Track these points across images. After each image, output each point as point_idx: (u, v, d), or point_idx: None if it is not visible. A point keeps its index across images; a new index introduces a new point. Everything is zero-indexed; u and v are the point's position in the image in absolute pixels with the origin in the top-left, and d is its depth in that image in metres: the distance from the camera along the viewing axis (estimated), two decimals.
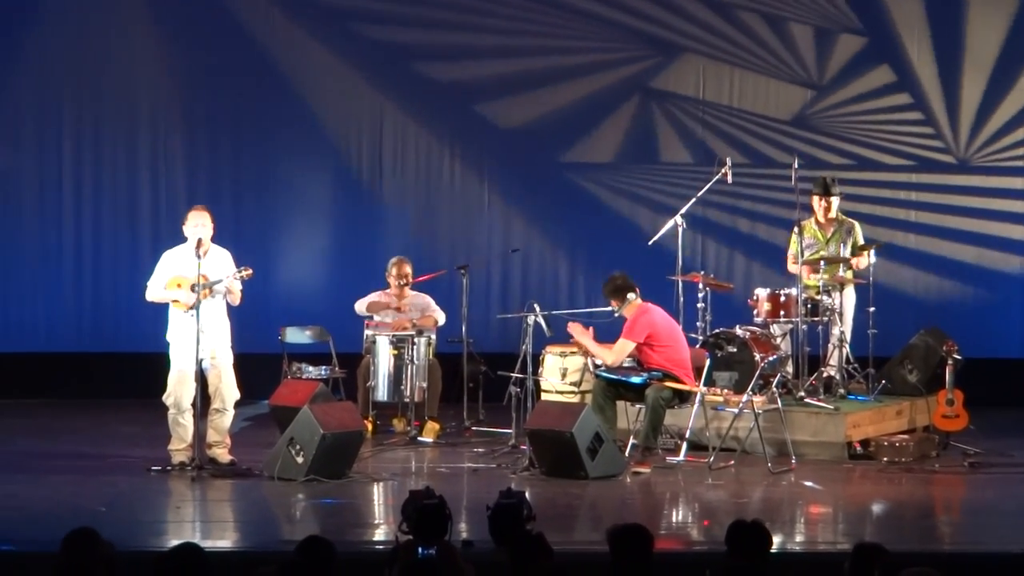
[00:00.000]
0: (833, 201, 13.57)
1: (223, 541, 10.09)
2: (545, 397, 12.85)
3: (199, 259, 11.63)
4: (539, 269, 15.53)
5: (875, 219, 15.06)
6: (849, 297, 13.55)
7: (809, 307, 13.10)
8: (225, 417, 11.88)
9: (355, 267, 15.37)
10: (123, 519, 10.14)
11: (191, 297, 11.64)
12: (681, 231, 13.44)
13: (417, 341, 13.29)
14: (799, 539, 10.38)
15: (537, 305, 12.68)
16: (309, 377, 13.49)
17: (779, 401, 12.31)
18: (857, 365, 13.43)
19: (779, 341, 13.22)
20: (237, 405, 12.02)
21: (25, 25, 15.38)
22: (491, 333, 14.64)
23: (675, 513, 11.31)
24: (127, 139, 15.53)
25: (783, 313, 13.12)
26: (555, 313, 12.91)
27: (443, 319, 13.89)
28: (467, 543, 9.01)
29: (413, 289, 14.02)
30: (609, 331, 12.50)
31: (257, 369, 13.40)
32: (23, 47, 15.38)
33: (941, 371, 12.86)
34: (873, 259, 13.41)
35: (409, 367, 13.23)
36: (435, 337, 13.66)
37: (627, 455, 12.12)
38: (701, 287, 13.40)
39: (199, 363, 11.69)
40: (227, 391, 11.86)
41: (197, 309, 11.57)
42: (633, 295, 12.27)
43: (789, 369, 13.18)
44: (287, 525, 10.63)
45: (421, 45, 15.63)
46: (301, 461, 11.33)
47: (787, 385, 12.92)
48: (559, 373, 13.01)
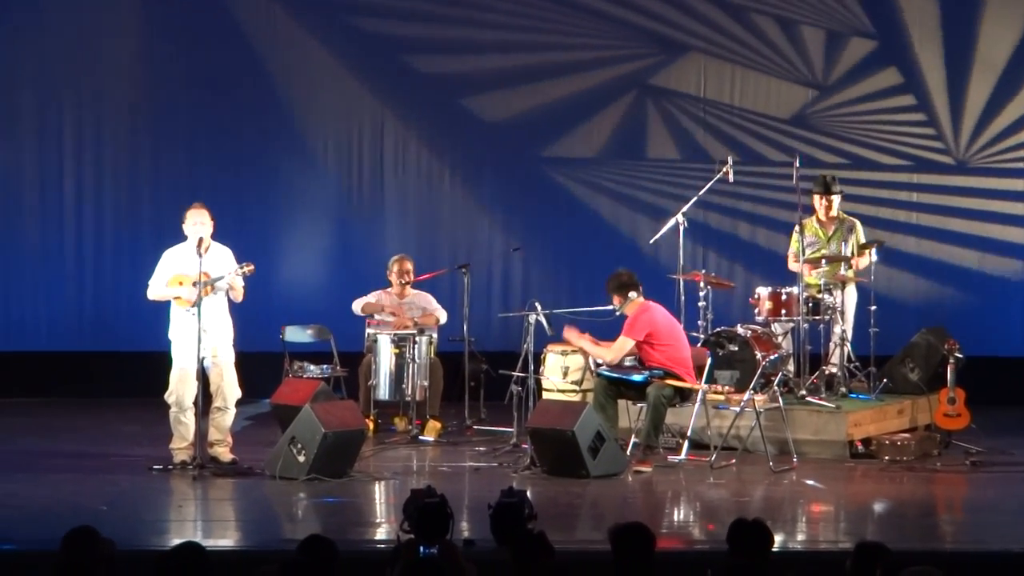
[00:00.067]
0: (834, 199, 13.56)
1: (225, 540, 10.07)
2: (546, 396, 12.83)
3: (200, 257, 11.62)
4: (540, 267, 15.51)
5: (876, 218, 15.04)
6: (850, 296, 13.54)
7: (810, 306, 13.09)
8: (227, 416, 11.87)
9: (356, 266, 15.37)
10: (125, 518, 10.12)
11: (193, 293, 11.63)
12: (683, 230, 13.44)
13: (418, 340, 13.29)
14: (801, 538, 10.38)
15: (538, 304, 12.68)
16: (310, 376, 13.48)
17: (780, 400, 12.31)
18: (858, 364, 13.43)
19: (780, 340, 13.22)
20: (238, 404, 12.01)
21: (25, 24, 15.37)
22: (492, 332, 14.62)
23: (676, 512, 11.30)
24: (128, 138, 15.52)
25: (784, 312, 13.12)
26: (556, 312, 12.90)
27: (444, 317, 13.88)
28: (469, 542, 9.00)
29: (414, 288, 14.01)
30: (610, 331, 12.48)
31: (258, 368, 13.39)
32: (23, 47, 15.37)
33: (943, 370, 12.84)
34: (874, 258, 13.41)
35: (410, 366, 13.22)
36: (436, 336, 13.65)
37: (628, 454, 12.12)
38: (702, 285, 13.40)
39: (201, 361, 11.69)
40: (229, 389, 11.85)
41: (199, 307, 11.56)
42: (635, 293, 12.26)
43: (790, 368, 13.18)
44: (288, 524, 10.62)
45: (422, 43, 15.61)
46: (303, 460, 11.32)
47: (788, 384, 12.91)
48: (560, 372, 13.00)
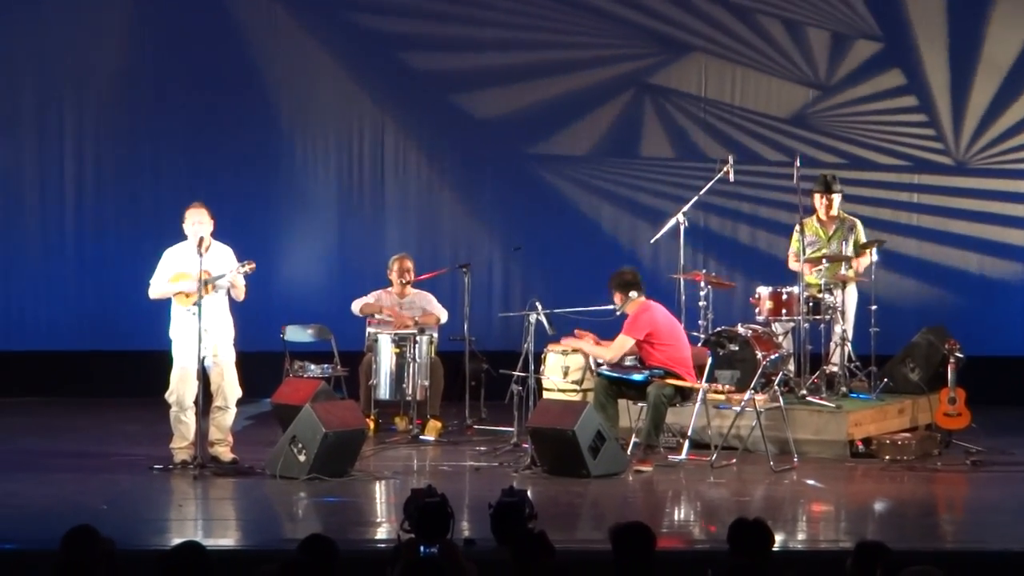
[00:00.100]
0: (834, 198, 13.56)
1: (225, 539, 10.07)
2: (547, 395, 12.82)
3: (200, 256, 11.62)
4: (541, 266, 15.50)
5: (876, 217, 15.02)
6: (851, 295, 13.54)
7: (811, 305, 13.09)
8: (227, 415, 11.88)
9: (356, 265, 15.37)
10: (125, 517, 10.12)
11: (195, 286, 11.61)
12: (683, 230, 13.44)
13: (419, 339, 13.28)
14: (801, 537, 10.38)
15: (539, 303, 12.68)
16: (311, 375, 13.48)
17: (781, 399, 12.31)
18: (859, 363, 13.44)
19: (781, 339, 13.22)
20: (239, 403, 12.02)
21: (26, 24, 15.37)
22: (493, 331, 14.61)
23: (677, 511, 11.30)
24: (129, 137, 15.52)
25: (785, 311, 13.12)
26: (557, 312, 12.90)
27: (445, 317, 13.88)
28: (469, 541, 9.01)
29: (415, 287, 14.01)
30: (611, 331, 12.48)
31: (259, 367, 13.40)
32: (23, 46, 15.37)
33: (943, 369, 12.85)
34: (875, 257, 13.41)
35: (411, 365, 13.22)
36: (437, 335, 13.65)
37: (629, 453, 12.12)
38: (703, 285, 13.40)
39: (201, 361, 11.69)
40: (229, 389, 11.86)
41: (199, 306, 11.56)
42: (636, 293, 12.26)
43: (791, 367, 13.18)
44: (289, 523, 10.61)
45: (423, 42, 15.61)
46: (303, 459, 11.32)
47: (789, 383, 12.91)
48: (561, 371, 12.99)
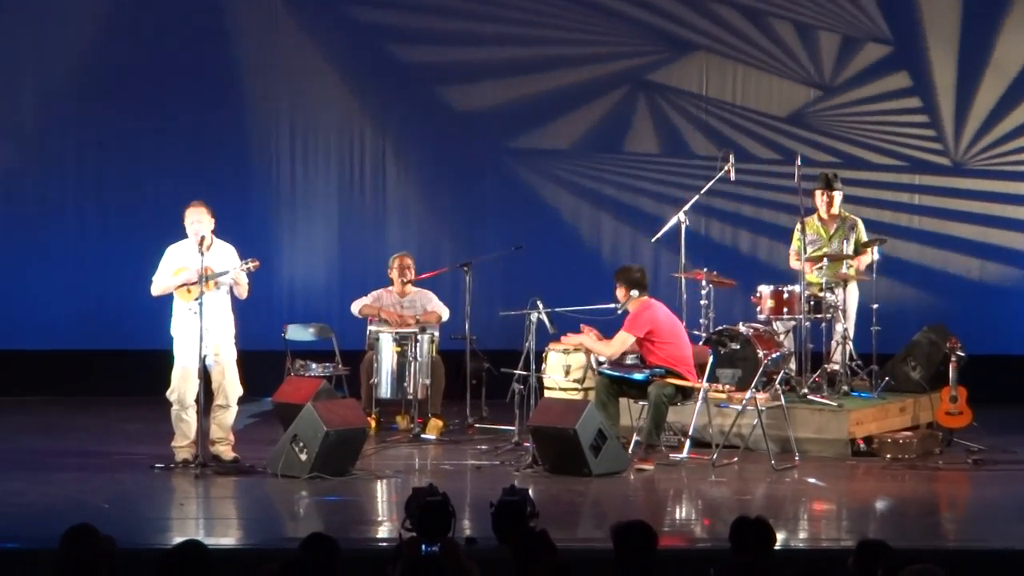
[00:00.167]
0: (835, 196, 13.55)
1: (227, 538, 10.08)
2: (548, 394, 12.82)
3: (202, 255, 11.62)
4: (542, 265, 15.49)
5: (876, 217, 15.02)
6: (852, 294, 13.54)
7: (812, 304, 13.09)
8: (228, 414, 11.88)
9: (358, 264, 15.37)
10: (127, 516, 10.13)
11: (197, 275, 11.61)
12: (684, 228, 13.44)
13: (420, 338, 13.28)
14: (803, 536, 10.38)
15: (540, 302, 12.68)
16: (312, 374, 13.48)
17: (782, 398, 12.31)
18: (860, 362, 13.44)
19: (782, 338, 13.22)
20: (240, 402, 12.02)
21: (26, 23, 15.37)
22: (494, 330, 14.58)
23: (678, 510, 11.31)
24: (129, 136, 15.52)
25: (786, 310, 13.12)
26: (558, 310, 12.90)
27: (447, 315, 13.88)
28: (470, 540, 9.01)
29: (416, 286, 14.01)
30: (612, 330, 12.48)
31: (260, 366, 13.40)
32: (23, 46, 15.38)
33: (944, 368, 12.85)
34: (876, 256, 13.41)
35: (412, 364, 13.22)
36: (438, 334, 13.65)
37: (630, 452, 12.12)
38: (704, 284, 13.40)
39: (203, 359, 11.69)
40: (230, 387, 11.86)
41: (200, 304, 11.56)
42: (638, 292, 12.26)
43: (792, 366, 13.18)
44: (290, 522, 10.61)
45: (424, 41, 15.61)
46: (304, 458, 11.32)
47: (790, 382, 12.91)
48: (562, 370, 12.99)
